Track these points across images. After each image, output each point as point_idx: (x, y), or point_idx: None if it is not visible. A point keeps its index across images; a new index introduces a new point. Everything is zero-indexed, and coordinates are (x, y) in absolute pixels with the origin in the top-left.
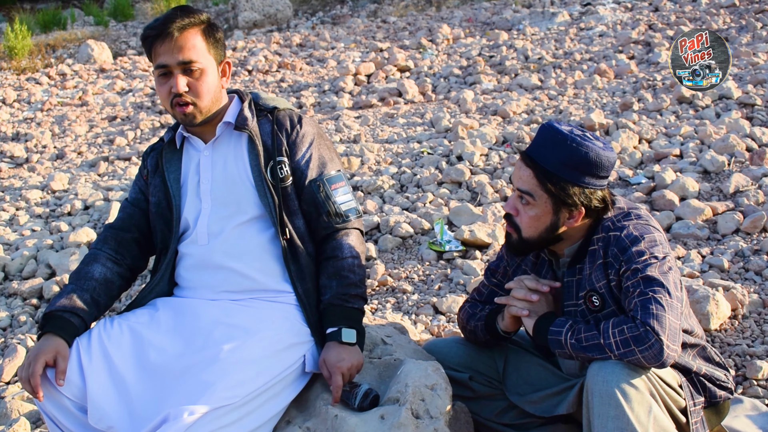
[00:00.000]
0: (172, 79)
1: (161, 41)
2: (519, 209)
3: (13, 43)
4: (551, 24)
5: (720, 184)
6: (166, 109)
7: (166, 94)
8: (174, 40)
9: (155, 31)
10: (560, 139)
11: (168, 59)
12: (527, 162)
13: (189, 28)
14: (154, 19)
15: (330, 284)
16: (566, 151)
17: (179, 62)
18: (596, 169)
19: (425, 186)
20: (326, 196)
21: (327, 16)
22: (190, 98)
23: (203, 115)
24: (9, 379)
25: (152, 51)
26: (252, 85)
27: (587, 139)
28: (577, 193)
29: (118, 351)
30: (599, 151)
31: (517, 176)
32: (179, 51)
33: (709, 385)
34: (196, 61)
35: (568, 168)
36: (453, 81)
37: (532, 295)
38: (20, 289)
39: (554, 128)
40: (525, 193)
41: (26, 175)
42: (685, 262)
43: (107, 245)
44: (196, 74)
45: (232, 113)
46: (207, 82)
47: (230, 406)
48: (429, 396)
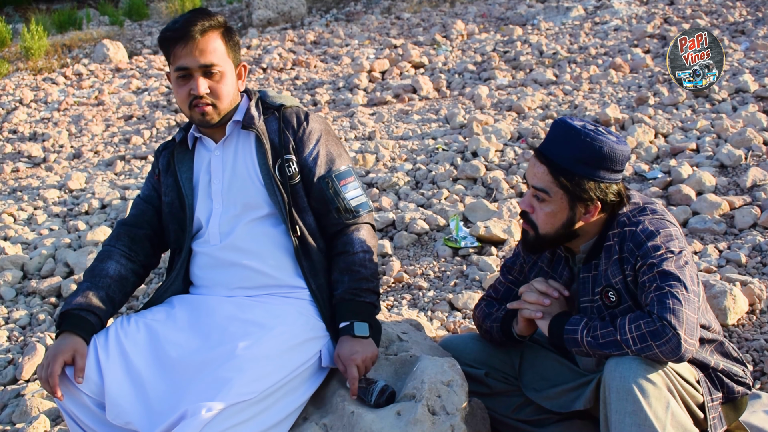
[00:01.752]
0: (192, 82)
1: (182, 44)
2: (535, 206)
3: (29, 43)
4: (566, 19)
5: (737, 178)
6: (182, 110)
7: (186, 96)
8: (196, 43)
9: (176, 33)
10: (573, 135)
11: (189, 62)
12: (541, 159)
13: (210, 31)
14: (173, 21)
15: (342, 279)
16: (580, 146)
17: (201, 65)
18: (610, 163)
19: (440, 182)
20: (335, 192)
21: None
22: (210, 100)
23: (220, 116)
24: (29, 377)
25: (171, 53)
26: (267, 83)
27: (600, 133)
28: (592, 187)
29: (135, 348)
30: (613, 144)
31: (531, 173)
32: (201, 54)
33: (726, 380)
34: (217, 64)
35: (582, 163)
36: (467, 77)
37: (544, 299)
38: (39, 288)
39: (567, 124)
40: (540, 190)
41: (44, 175)
42: (702, 257)
43: (120, 242)
44: (216, 77)
45: (241, 112)
46: (227, 84)
47: (247, 401)
48: (445, 392)
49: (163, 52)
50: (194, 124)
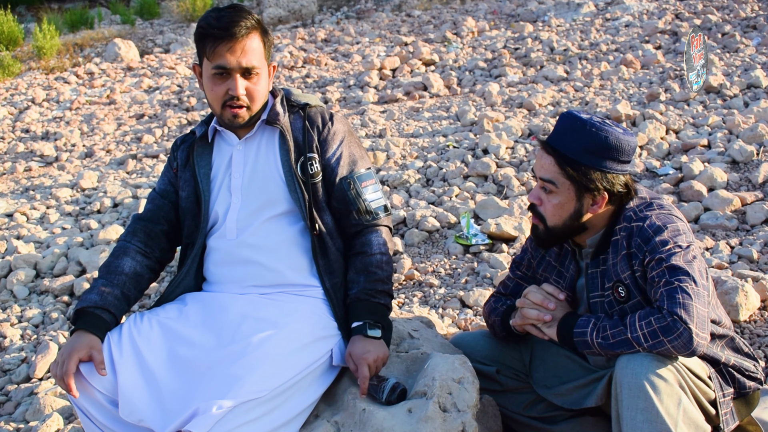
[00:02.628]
0: (231, 82)
1: (225, 42)
2: (543, 199)
3: (41, 43)
4: (577, 15)
5: (749, 174)
6: (212, 107)
7: (222, 94)
8: (240, 44)
9: (220, 32)
10: (579, 125)
11: (231, 62)
12: (548, 150)
13: (252, 31)
14: (212, 16)
15: (357, 279)
16: (586, 137)
17: (242, 67)
18: (617, 154)
19: (451, 180)
20: (357, 194)
21: (351, 11)
22: (246, 102)
23: (249, 117)
24: (42, 376)
25: (212, 48)
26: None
27: (606, 124)
28: (599, 177)
29: (148, 345)
30: (619, 135)
31: (539, 165)
32: (244, 56)
33: (738, 376)
34: (257, 66)
35: (589, 153)
36: (478, 74)
37: (548, 302)
38: (51, 287)
39: (573, 115)
40: (547, 181)
41: (56, 174)
42: (713, 253)
43: (136, 237)
44: (254, 79)
45: (266, 109)
46: (262, 86)
47: (258, 399)
48: (456, 389)
49: (199, 46)
50: (222, 123)
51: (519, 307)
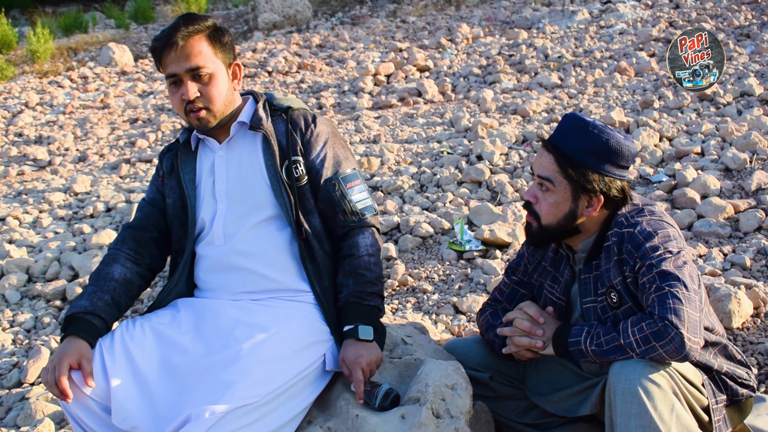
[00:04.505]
0: (183, 87)
1: (168, 51)
2: (538, 196)
3: (35, 46)
4: (571, 22)
5: (742, 181)
6: (181, 116)
7: (179, 102)
8: (180, 49)
9: (161, 42)
10: (582, 126)
11: (176, 68)
12: (549, 148)
13: (193, 35)
14: (161, 31)
15: (346, 282)
16: (588, 138)
17: (187, 69)
18: (616, 158)
19: (445, 186)
20: (342, 194)
21: (346, 17)
22: (202, 103)
23: (217, 119)
24: (33, 381)
25: (161, 61)
26: (272, 86)
27: (608, 128)
28: (597, 179)
29: (140, 351)
30: (620, 140)
31: (538, 163)
32: (185, 59)
33: (730, 383)
34: (203, 66)
35: (590, 154)
36: (472, 80)
37: (536, 329)
38: (44, 291)
39: (577, 116)
40: (545, 179)
41: (49, 178)
42: (706, 260)
43: (126, 245)
44: (205, 79)
45: (247, 113)
46: (217, 86)
47: (251, 405)
48: (449, 395)
49: (155, 62)
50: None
51: (508, 336)
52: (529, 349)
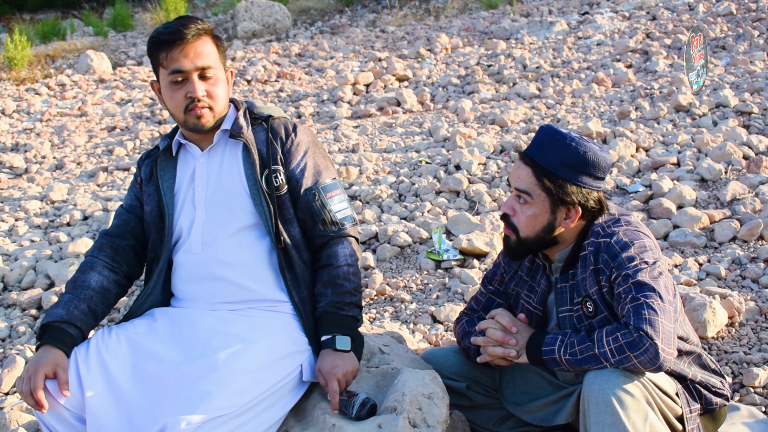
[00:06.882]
0: (189, 85)
1: (177, 47)
2: (516, 209)
3: (12, 53)
4: (549, 33)
5: (717, 192)
6: (174, 115)
7: (181, 99)
8: (191, 46)
9: (170, 36)
10: (559, 139)
11: (185, 64)
12: (526, 161)
13: (203, 34)
14: (164, 25)
15: (325, 292)
16: (565, 150)
17: (197, 67)
18: (593, 169)
19: (423, 195)
20: (322, 204)
21: (326, 26)
22: (207, 103)
23: (214, 120)
24: (8, 390)
25: (165, 56)
26: (251, 94)
27: (585, 140)
28: (575, 191)
29: (115, 361)
30: (597, 151)
31: (515, 176)
32: (198, 56)
33: (704, 392)
34: (212, 66)
35: (567, 166)
36: (451, 90)
37: (509, 339)
38: (19, 300)
39: (553, 129)
40: (523, 192)
41: (25, 186)
42: (682, 270)
43: (103, 253)
44: (211, 80)
45: (229, 121)
46: (221, 89)
47: (227, 415)
48: (426, 405)
49: (152, 58)
50: (187, 129)
51: (482, 346)
52: (504, 358)
